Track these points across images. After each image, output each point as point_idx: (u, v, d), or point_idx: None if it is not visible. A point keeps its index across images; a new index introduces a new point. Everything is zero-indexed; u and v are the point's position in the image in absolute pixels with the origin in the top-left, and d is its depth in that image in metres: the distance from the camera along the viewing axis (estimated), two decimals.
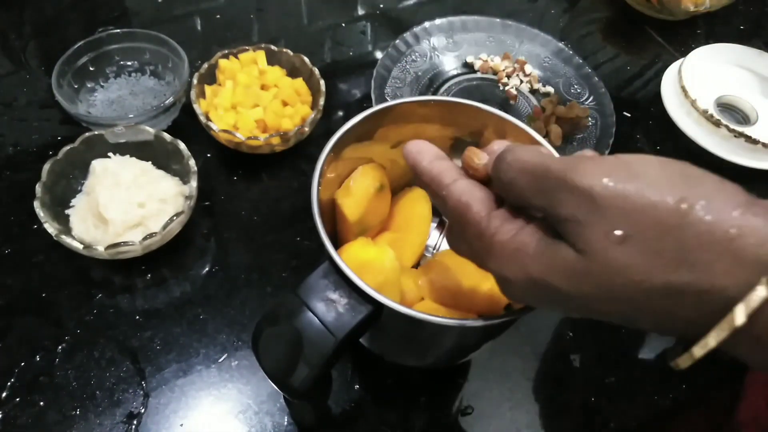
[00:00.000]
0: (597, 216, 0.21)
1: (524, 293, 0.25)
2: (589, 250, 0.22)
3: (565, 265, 0.23)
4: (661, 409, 0.47)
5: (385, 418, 0.45)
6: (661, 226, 0.20)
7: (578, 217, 0.22)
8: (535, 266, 0.24)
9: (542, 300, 0.25)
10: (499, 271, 0.26)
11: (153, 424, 0.43)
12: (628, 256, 0.21)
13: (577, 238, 0.22)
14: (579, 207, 0.22)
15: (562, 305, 0.24)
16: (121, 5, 0.74)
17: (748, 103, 0.68)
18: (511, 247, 0.25)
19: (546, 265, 0.23)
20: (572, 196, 0.22)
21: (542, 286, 0.24)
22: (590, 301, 0.23)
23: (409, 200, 0.47)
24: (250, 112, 0.56)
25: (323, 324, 0.32)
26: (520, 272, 0.24)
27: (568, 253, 0.23)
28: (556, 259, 0.23)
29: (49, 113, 0.61)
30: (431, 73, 0.67)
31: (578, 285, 0.22)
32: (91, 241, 0.49)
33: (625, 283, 0.21)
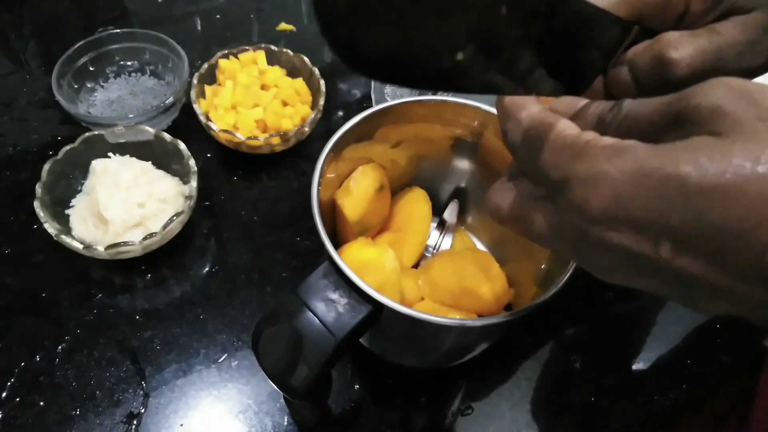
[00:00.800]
0: (751, 104, 0.18)
1: (620, 194, 0.19)
2: (739, 132, 0.18)
3: (703, 147, 0.18)
4: (661, 409, 0.47)
5: (385, 418, 0.45)
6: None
7: (728, 104, 0.19)
8: (651, 156, 0.19)
9: (638, 205, 0.19)
10: (591, 170, 0.20)
11: (153, 424, 0.43)
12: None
13: (724, 123, 0.19)
14: (728, 97, 0.19)
15: (665, 212, 0.19)
16: (121, 5, 0.74)
17: None
18: (618, 146, 0.20)
19: (668, 152, 0.19)
20: (719, 90, 0.19)
21: (660, 177, 0.18)
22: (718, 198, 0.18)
23: (409, 200, 0.47)
24: (250, 112, 0.56)
25: (323, 324, 0.32)
26: (629, 164, 0.19)
27: (704, 139, 0.19)
28: (690, 144, 0.19)
29: (49, 113, 0.61)
30: None
31: (717, 170, 0.18)
32: (91, 241, 0.49)
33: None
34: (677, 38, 0.26)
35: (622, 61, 0.28)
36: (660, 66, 0.26)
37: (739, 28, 0.26)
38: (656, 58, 0.26)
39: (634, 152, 0.19)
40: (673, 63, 0.26)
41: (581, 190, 0.20)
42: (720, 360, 0.50)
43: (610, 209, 0.19)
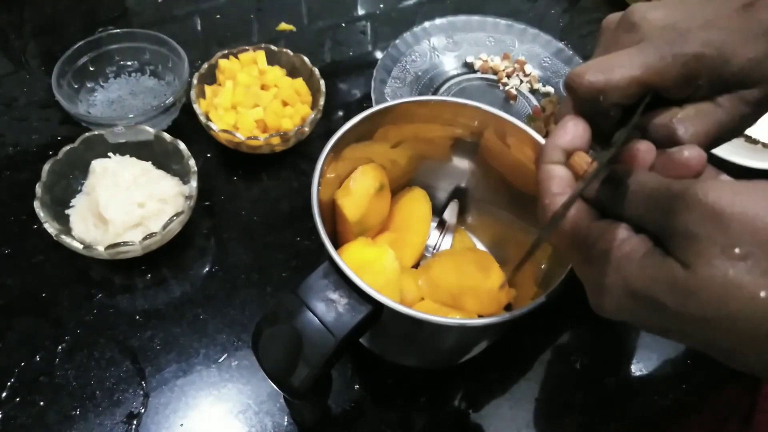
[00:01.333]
0: (718, 232, 0.21)
1: (619, 306, 0.24)
2: (703, 266, 0.21)
3: (673, 280, 0.22)
4: (661, 409, 0.47)
5: (385, 418, 0.45)
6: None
7: (696, 232, 0.21)
8: (639, 277, 0.23)
9: (638, 315, 0.24)
10: (596, 280, 0.25)
11: (153, 424, 0.43)
12: (745, 274, 0.20)
13: (691, 253, 0.21)
14: (698, 222, 0.21)
15: (658, 324, 0.23)
16: (121, 5, 0.74)
17: None
18: (616, 255, 0.24)
19: (651, 278, 0.22)
20: (693, 211, 0.22)
21: (642, 298, 0.23)
22: (690, 323, 0.22)
23: (409, 200, 0.47)
24: (250, 112, 0.56)
25: (323, 324, 0.32)
26: (621, 282, 0.23)
27: (676, 268, 0.22)
28: (663, 272, 0.22)
29: (49, 113, 0.61)
30: (431, 73, 0.67)
31: (684, 302, 0.21)
32: (91, 241, 0.49)
33: (738, 303, 0.20)
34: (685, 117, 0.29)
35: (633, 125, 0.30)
36: (671, 141, 0.29)
37: (735, 104, 0.30)
38: (668, 134, 0.29)
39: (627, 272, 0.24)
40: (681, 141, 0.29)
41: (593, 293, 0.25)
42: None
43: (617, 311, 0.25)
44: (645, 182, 0.25)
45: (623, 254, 0.24)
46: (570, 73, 0.31)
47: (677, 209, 0.22)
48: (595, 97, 0.30)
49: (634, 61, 0.29)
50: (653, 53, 0.29)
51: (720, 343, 0.22)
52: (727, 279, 0.20)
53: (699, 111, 0.30)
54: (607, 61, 0.30)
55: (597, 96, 0.29)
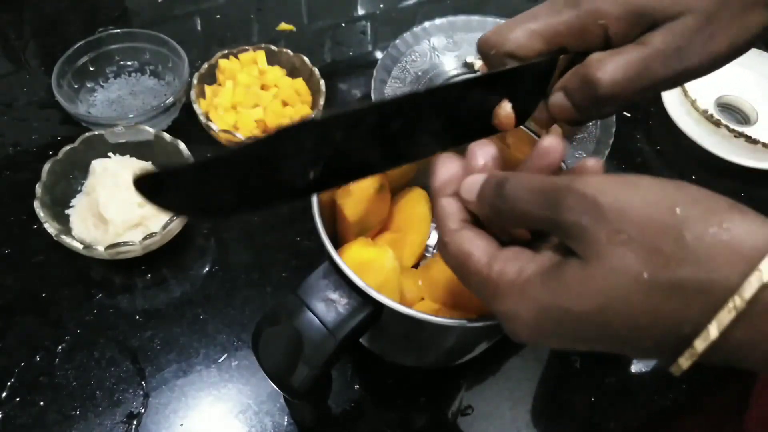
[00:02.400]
0: (600, 220, 0.22)
1: (534, 328, 0.25)
2: (593, 255, 0.22)
3: (573, 279, 0.23)
4: (661, 409, 0.47)
5: (385, 418, 0.45)
6: (660, 227, 0.21)
7: (583, 222, 0.22)
8: (545, 293, 0.24)
9: (552, 332, 0.24)
10: (508, 311, 0.25)
11: (153, 424, 0.43)
12: (630, 257, 0.21)
13: (582, 243, 0.23)
14: (584, 213, 0.23)
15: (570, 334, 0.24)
16: (121, 5, 0.74)
17: (748, 103, 0.67)
18: (518, 284, 0.25)
19: (554, 288, 0.23)
20: (577, 203, 0.23)
21: (553, 311, 0.24)
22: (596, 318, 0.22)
23: (409, 200, 0.47)
24: (250, 112, 0.56)
25: (323, 324, 0.32)
26: (532, 304, 0.24)
27: (574, 268, 0.23)
28: (564, 278, 0.23)
29: (49, 113, 0.61)
30: (431, 73, 0.67)
31: (587, 297, 0.22)
32: (91, 241, 0.49)
33: (629, 286, 0.21)
34: (600, 58, 0.29)
35: (555, 88, 0.30)
36: (588, 87, 0.29)
37: (666, 36, 0.28)
38: (584, 81, 0.29)
39: (530, 292, 0.24)
40: (598, 83, 0.28)
41: (507, 324, 0.26)
42: None
43: (532, 336, 0.25)
44: (531, 182, 0.25)
45: (525, 281, 0.25)
46: (478, 38, 0.32)
47: (563, 204, 0.23)
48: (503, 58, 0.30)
49: (531, 18, 0.30)
50: (547, 8, 0.30)
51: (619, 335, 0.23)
52: (614, 264, 0.22)
53: (612, 51, 0.29)
54: (508, 23, 0.31)
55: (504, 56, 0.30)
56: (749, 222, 0.21)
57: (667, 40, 0.28)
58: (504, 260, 0.26)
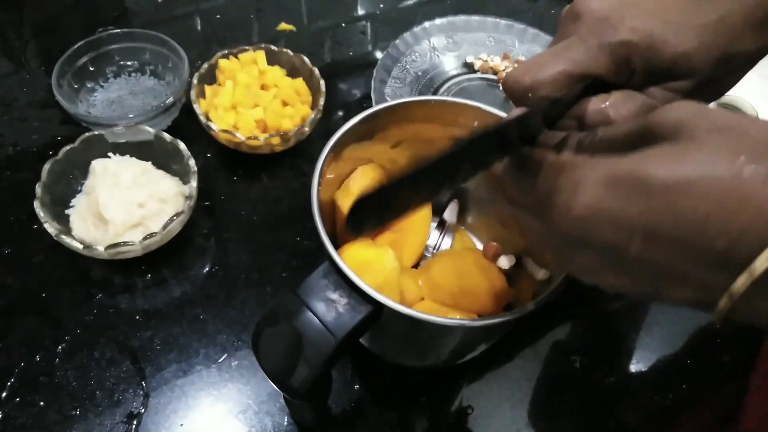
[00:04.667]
0: (704, 118, 0.22)
1: (595, 198, 0.22)
2: (690, 137, 0.22)
3: (661, 151, 0.22)
4: (661, 409, 0.47)
5: (385, 418, 0.45)
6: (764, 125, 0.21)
7: (686, 117, 0.22)
8: (623, 162, 0.22)
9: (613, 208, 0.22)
10: (571, 180, 0.24)
11: (153, 424, 0.43)
12: (730, 142, 0.21)
13: (682, 132, 0.22)
14: (687, 112, 0.22)
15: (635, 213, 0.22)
16: (121, 5, 0.74)
17: (748, 103, 0.67)
18: (593, 160, 0.24)
19: (636, 158, 0.22)
20: (679, 107, 0.23)
21: (626, 179, 0.22)
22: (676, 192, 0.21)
23: None
24: (250, 112, 0.56)
25: (323, 324, 0.32)
26: (603, 170, 0.23)
27: (663, 146, 0.22)
28: (650, 151, 0.22)
29: (49, 113, 0.61)
30: (431, 73, 0.67)
31: (673, 168, 0.21)
32: (91, 241, 0.49)
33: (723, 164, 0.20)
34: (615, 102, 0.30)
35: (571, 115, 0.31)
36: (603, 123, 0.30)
37: (666, 95, 0.30)
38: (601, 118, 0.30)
39: (606, 162, 0.23)
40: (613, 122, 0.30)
41: (565, 196, 0.24)
42: (720, 360, 0.50)
43: (590, 209, 0.23)
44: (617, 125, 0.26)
45: (599, 159, 0.24)
46: (506, 76, 0.32)
47: (659, 113, 0.23)
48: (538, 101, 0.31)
49: (561, 56, 0.31)
50: (578, 46, 0.31)
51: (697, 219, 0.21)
52: (712, 143, 0.21)
53: (628, 96, 0.30)
54: (536, 60, 0.31)
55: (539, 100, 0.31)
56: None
57: (666, 98, 0.31)
58: (573, 153, 0.26)
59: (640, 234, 0.22)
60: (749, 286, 0.20)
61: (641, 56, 0.30)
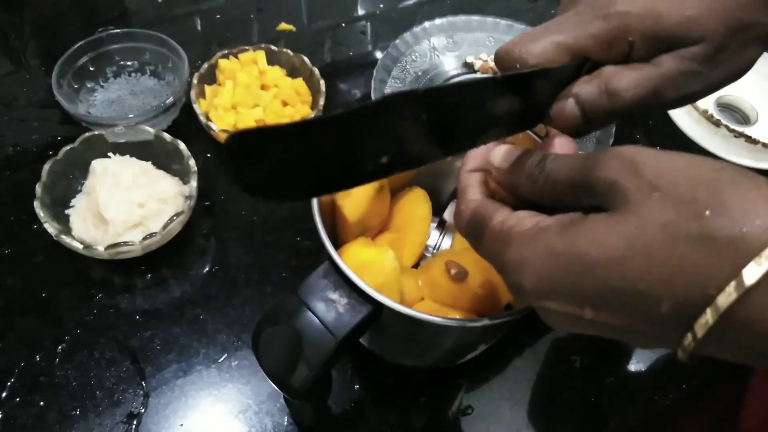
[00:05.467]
0: (637, 176, 0.22)
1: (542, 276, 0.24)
2: (622, 205, 0.22)
3: (594, 226, 0.22)
4: (661, 409, 0.47)
5: (385, 418, 0.45)
6: (697, 180, 0.21)
7: (618, 178, 0.22)
8: (561, 239, 0.23)
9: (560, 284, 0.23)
10: (517, 257, 0.25)
11: (153, 424, 0.43)
12: (661, 207, 0.21)
13: (613, 196, 0.22)
14: (620, 169, 0.23)
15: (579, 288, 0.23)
16: (121, 5, 0.74)
17: (748, 103, 0.68)
18: (533, 231, 0.24)
19: (572, 234, 0.23)
20: (615, 161, 0.23)
21: (566, 257, 0.23)
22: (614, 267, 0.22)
23: (409, 200, 0.47)
24: (250, 112, 0.56)
25: (323, 324, 0.32)
26: (544, 249, 0.24)
27: (597, 218, 0.23)
28: (584, 225, 0.23)
29: (49, 113, 0.61)
30: (431, 73, 0.67)
31: (607, 244, 0.22)
32: (91, 241, 0.49)
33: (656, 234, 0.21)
34: (617, 71, 0.29)
35: (566, 95, 0.30)
36: (605, 97, 0.29)
37: (677, 61, 0.29)
38: (601, 90, 0.29)
39: (545, 238, 0.24)
40: (618, 93, 0.29)
41: (514, 275, 0.25)
42: (720, 360, 0.49)
43: (538, 287, 0.24)
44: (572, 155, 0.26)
45: (543, 227, 0.24)
46: (498, 49, 0.31)
47: (601, 164, 0.23)
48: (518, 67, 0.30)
49: (553, 28, 0.30)
50: (571, 17, 0.30)
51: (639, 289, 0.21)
52: (643, 213, 0.21)
53: (627, 66, 0.30)
54: (529, 33, 0.31)
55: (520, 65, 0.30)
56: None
57: (679, 65, 0.29)
58: (520, 217, 0.26)
59: (588, 303, 0.23)
60: (701, 339, 0.21)
61: (640, 25, 0.29)
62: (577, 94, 0.30)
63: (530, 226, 0.25)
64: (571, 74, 0.30)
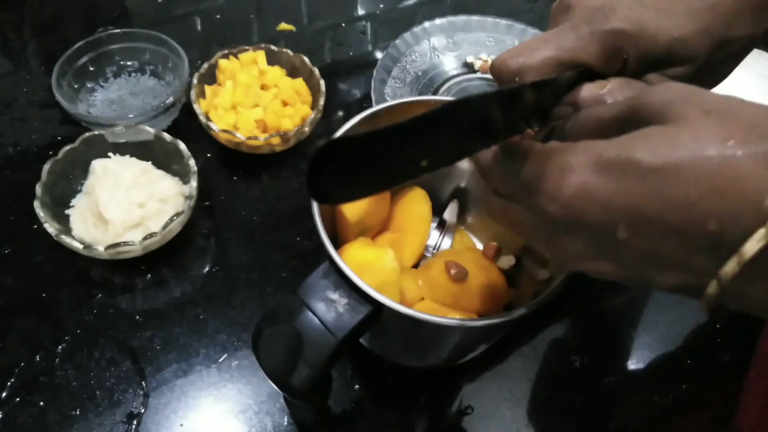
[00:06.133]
0: (694, 100, 0.22)
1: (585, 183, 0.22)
2: (680, 119, 0.21)
3: (650, 134, 0.22)
4: (661, 409, 0.47)
5: (385, 418, 0.45)
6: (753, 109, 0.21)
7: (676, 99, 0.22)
8: (613, 147, 0.22)
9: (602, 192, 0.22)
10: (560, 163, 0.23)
11: (153, 424, 0.43)
12: (720, 124, 0.21)
13: (671, 116, 0.22)
14: (677, 94, 0.22)
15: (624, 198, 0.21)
16: (121, 5, 0.74)
17: None
18: (581, 144, 0.23)
19: (625, 141, 0.22)
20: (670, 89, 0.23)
21: (616, 163, 0.21)
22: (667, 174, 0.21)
23: (409, 200, 0.47)
24: (250, 112, 0.56)
25: (323, 324, 0.32)
26: (593, 155, 0.22)
27: (652, 129, 0.22)
28: (639, 134, 0.22)
29: (49, 113, 0.61)
30: (431, 73, 0.67)
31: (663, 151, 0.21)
32: (91, 241, 0.49)
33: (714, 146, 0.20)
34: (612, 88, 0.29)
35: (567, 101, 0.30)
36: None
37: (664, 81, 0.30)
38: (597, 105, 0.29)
39: (594, 145, 0.23)
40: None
41: (554, 179, 0.23)
42: (720, 360, 0.50)
43: (578, 191, 0.22)
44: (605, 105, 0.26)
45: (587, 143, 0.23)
46: (493, 60, 0.32)
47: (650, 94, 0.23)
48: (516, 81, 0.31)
49: (551, 42, 0.30)
50: (569, 33, 0.30)
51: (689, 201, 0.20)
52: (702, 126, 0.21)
53: (628, 82, 0.30)
54: (526, 45, 0.31)
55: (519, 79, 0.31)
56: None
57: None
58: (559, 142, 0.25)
59: (628, 217, 0.22)
60: (738, 271, 0.20)
61: (634, 44, 0.29)
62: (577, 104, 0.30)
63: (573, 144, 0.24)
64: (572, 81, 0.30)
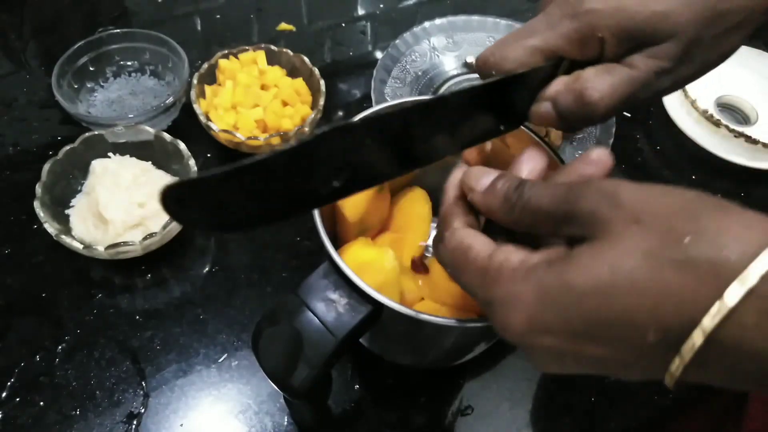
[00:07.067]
0: (617, 207, 0.23)
1: (532, 313, 0.24)
2: (605, 235, 0.22)
3: (580, 257, 0.23)
4: (661, 409, 0.47)
5: (385, 418, 0.45)
6: (676, 210, 0.22)
7: (599, 209, 0.23)
8: (549, 274, 0.23)
9: (548, 320, 0.23)
10: (506, 294, 0.25)
11: (153, 424, 0.43)
12: (643, 236, 0.22)
13: (595, 226, 0.23)
14: (601, 200, 0.23)
15: (568, 321, 0.23)
16: (121, 5, 0.74)
17: (748, 103, 0.68)
18: (522, 269, 0.24)
19: (559, 268, 0.23)
20: (596, 194, 0.23)
21: (555, 290, 0.23)
22: (600, 294, 0.22)
23: (409, 200, 0.47)
24: (250, 112, 0.56)
25: (323, 324, 0.32)
26: (534, 285, 0.24)
27: (582, 249, 0.23)
28: (570, 258, 0.23)
29: (49, 113, 0.61)
30: (431, 73, 0.67)
31: (593, 272, 0.22)
32: (91, 241, 0.49)
33: (639, 262, 0.21)
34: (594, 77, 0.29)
35: (544, 97, 0.31)
36: (581, 105, 0.29)
37: (649, 62, 0.29)
38: (578, 99, 0.29)
39: (536, 274, 0.24)
40: (593, 104, 0.29)
41: (502, 311, 0.25)
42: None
43: (525, 325, 0.24)
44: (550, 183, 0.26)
45: (531, 264, 0.24)
46: (476, 58, 0.32)
47: (581, 195, 0.24)
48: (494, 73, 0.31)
49: (528, 32, 0.31)
50: (542, 20, 0.30)
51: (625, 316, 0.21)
52: (626, 241, 0.22)
53: (604, 69, 0.29)
54: (505, 40, 0.31)
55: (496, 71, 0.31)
56: (761, 217, 0.21)
57: (652, 66, 0.29)
58: (507, 252, 0.26)
59: (575, 338, 0.23)
60: (683, 369, 0.21)
61: (608, 22, 0.29)
62: (555, 100, 0.30)
63: (518, 262, 0.25)
64: (548, 74, 0.30)
